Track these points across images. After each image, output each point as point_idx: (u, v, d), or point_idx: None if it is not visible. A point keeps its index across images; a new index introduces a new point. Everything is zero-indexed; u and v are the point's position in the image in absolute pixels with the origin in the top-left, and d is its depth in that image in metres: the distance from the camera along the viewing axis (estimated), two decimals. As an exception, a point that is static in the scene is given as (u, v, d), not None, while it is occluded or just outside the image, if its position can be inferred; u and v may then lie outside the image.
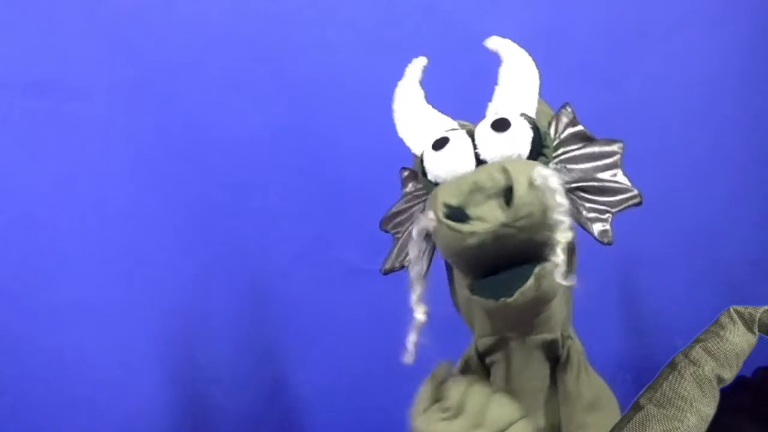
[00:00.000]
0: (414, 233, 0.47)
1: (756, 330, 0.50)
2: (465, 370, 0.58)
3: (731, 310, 0.51)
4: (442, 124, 0.54)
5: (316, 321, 0.99)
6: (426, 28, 1.00)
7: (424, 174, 0.50)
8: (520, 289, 0.44)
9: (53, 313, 0.91)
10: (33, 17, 0.89)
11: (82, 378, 0.93)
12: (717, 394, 0.48)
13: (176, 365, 0.97)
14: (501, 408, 0.47)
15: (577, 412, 0.53)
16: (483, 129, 0.49)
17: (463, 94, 0.95)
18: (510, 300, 0.44)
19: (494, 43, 0.55)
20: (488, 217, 0.43)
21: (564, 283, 0.44)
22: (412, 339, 0.50)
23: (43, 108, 0.90)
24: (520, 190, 0.43)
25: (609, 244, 0.49)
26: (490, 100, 0.53)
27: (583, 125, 0.52)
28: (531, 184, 0.43)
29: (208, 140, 0.96)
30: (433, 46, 1.00)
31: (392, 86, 1.06)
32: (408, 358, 0.50)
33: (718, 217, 1.10)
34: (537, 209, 0.43)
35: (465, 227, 0.43)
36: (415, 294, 0.50)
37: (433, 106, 0.56)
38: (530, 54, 0.53)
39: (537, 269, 0.44)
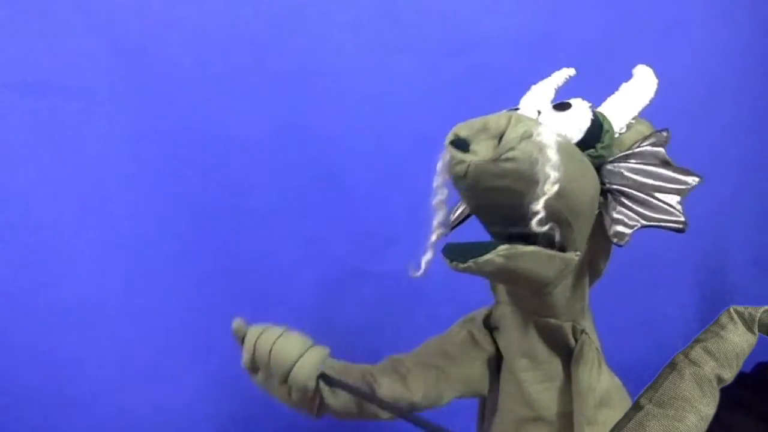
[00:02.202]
0: (439, 165, 0.49)
1: (756, 330, 0.50)
2: (467, 321, 0.63)
3: (731, 310, 0.51)
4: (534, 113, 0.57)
5: (317, 321, 0.99)
6: (426, 28, 1.00)
7: None
8: (474, 259, 0.46)
9: (53, 313, 0.91)
10: (33, 17, 0.89)
11: (82, 378, 0.93)
12: (717, 394, 0.48)
13: (176, 365, 0.97)
14: (283, 349, 0.49)
15: (588, 407, 0.54)
16: (547, 107, 0.53)
17: (462, 93, 0.95)
18: (462, 266, 0.46)
19: (639, 68, 0.59)
20: (481, 151, 0.45)
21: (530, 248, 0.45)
22: (426, 257, 0.52)
23: (43, 108, 0.90)
24: (510, 135, 0.44)
25: (619, 245, 0.51)
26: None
27: (666, 152, 0.53)
28: (526, 135, 0.44)
29: (208, 140, 0.96)
30: (432, 47, 1.01)
31: (392, 86, 1.06)
32: (418, 273, 0.52)
33: (718, 217, 1.10)
34: (523, 157, 0.44)
35: (458, 153, 0.45)
36: (436, 219, 0.52)
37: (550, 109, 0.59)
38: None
39: (502, 247, 0.46)
